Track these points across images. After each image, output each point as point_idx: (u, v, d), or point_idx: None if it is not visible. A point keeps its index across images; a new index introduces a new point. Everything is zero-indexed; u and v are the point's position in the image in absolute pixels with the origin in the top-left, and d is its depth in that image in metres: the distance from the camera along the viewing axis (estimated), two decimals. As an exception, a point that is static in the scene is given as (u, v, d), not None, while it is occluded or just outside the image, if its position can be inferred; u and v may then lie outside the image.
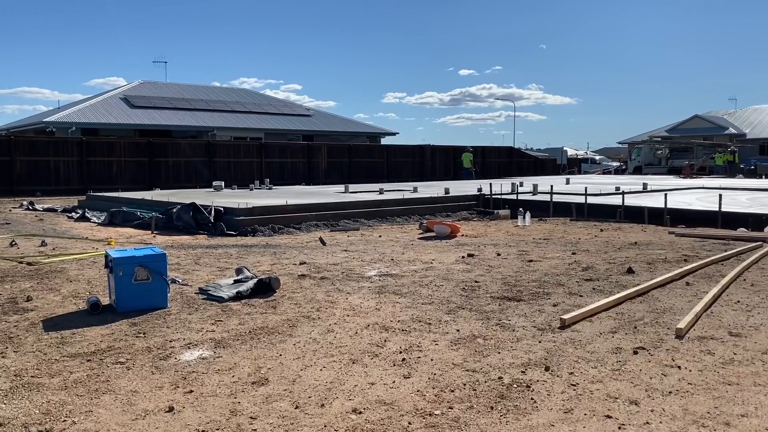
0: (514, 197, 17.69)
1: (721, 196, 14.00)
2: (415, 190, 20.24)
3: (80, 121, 33.02)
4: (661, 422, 3.44)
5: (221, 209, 13.44)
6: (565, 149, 56.98)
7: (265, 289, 6.57)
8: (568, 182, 26.10)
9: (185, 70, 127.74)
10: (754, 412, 3.58)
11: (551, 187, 17.25)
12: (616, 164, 55.09)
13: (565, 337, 5.01)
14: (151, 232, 12.75)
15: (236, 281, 6.81)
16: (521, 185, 21.28)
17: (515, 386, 3.96)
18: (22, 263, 8.46)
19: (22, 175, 24.54)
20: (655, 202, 15.40)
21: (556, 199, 16.14)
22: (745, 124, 52.34)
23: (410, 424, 3.44)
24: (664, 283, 6.90)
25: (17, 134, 30.30)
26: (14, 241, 10.68)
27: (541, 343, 4.86)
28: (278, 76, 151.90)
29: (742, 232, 11.83)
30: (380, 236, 12.16)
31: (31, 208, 18.14)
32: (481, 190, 18.93)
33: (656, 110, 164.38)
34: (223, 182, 21.93)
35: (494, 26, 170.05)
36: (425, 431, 3.36)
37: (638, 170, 45.41)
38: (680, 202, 16.00)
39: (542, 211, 15.88)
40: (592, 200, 15.85)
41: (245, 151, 30.58)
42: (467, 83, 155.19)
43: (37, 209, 17.87)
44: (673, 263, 8.30)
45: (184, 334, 5.16)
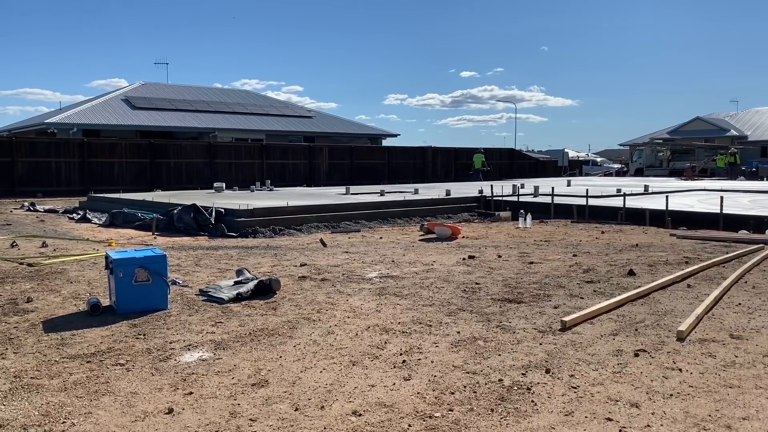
0: (515, 199, 17.69)
1: (722, 198, 14.01)
2: (416, 191, 20.26)
3: (82, 122, 33.04)
4: (662, 425, 3.43)
5: (222, 210, 13.45)
6: (566, 151, 56.87)
7: (265, 290, 6.57)
8: (569, 184, 26.08)
9: (187, 71, 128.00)
10: (755, 414, 3.57)
11: (552, 188, 17.25)
12: (617, 166, 55.02)
13: (565, 339, 5.00)
14: (151, 233, 12.75)
15: (237, 283, 6.81)
16: (522, 187, 21.30)
17: (516, 388, 3.95)
18: (22, 264, 8.46)
19: (23, 176, 24.56)
20: (656, 204, 15.39)
21: (557, 200, 16.14)
22: (746, 126, 52.35)
23: (410, 426, 3.43)
24: (665, 285, 6.90)
25: (19, 135, 30.32)
26: (15, 242, 10.68)
27: (541, 345, 4.85)
28: (280, 77, 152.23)
29: (743, 234, 11.82)
30: (381, 238, 12.16)
31: (32, 209, 18.15)
32: (482, 191, 18.92)
33: (658, 112, 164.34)
34: (224, 183, 21.94)
35: (496, 28, 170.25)
36: (425, 433, 3.35)
37: (639, 172, 45.39)
38: (681, 204, 15.98)
39: (543, 212, 15.87)
40: (593, 202, 15.85)
41: (246, 152, 30.60)
42: (468, 85, 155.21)
43: (38, 210, 17.88)
44: (674, 265, 8.28)
45: (184, 335, 5.15)
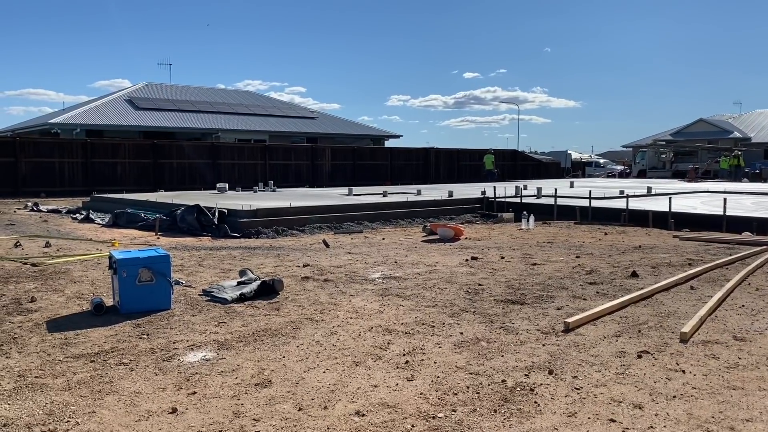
0: (517, 200, 17.68)
1: (725, 199, 13.98)
2: (418, 192, 20.26)
3: (85, 122, 33.10)
4: (665, 426, 3.42)
5: (225, 211, 13.46)
6: (569, 152, 56.84)
7: (268, 291, 6.58)
8: (572, 185, 26.06)
9: (190, 72, 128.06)
10: (758, 416, 3.56)
11: (555, 190, 17.24)
12: (620, 168, 54.96)
13: (568, 340, 5.00)
14: (155, 233, 12.77)
15: (240, 283, 6.82)
16: (525, 188, 21.29)
17: (519, 389, 3.95)
18: (26, 264, 8.49)
19: (26, 176, 24.62)
20: (659, 205, 15.37)
21: (560, 202, 16.12)
22: (750, 128, 52.21)
23: (413, 426, 3.43)
24: (668, 287, 6.89)
25: (22, 135, 30.37)
26: (19, 242, 10.71)
27: (544, 346, 4.85)
28: (282, 78, 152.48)
29: (746, 236, 11.79)
30: (384, 239, 12.16)
31: (35, 209, 18.19)
32: (485, 193, 18.92)
33: (661, 114, 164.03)
34: (227, 184, 21.97)
35: (499, 29, 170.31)
36: (428, 434, 3.35)
37: (642, 174, 45.35)
38: (685, 205, 15.95)
39: (546, 214, 15.85)
40: (596, 204, 15.83)
41: (249, 153, 30.64)
42: (471, 86, 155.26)
43: (41, 210, 17.92)
44: (677, 267, 8.27)
45: (187, 335, 5.16)
